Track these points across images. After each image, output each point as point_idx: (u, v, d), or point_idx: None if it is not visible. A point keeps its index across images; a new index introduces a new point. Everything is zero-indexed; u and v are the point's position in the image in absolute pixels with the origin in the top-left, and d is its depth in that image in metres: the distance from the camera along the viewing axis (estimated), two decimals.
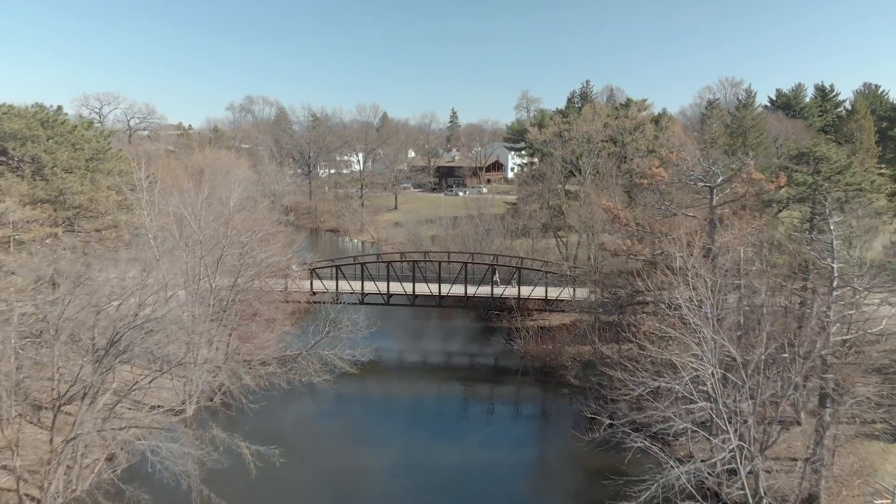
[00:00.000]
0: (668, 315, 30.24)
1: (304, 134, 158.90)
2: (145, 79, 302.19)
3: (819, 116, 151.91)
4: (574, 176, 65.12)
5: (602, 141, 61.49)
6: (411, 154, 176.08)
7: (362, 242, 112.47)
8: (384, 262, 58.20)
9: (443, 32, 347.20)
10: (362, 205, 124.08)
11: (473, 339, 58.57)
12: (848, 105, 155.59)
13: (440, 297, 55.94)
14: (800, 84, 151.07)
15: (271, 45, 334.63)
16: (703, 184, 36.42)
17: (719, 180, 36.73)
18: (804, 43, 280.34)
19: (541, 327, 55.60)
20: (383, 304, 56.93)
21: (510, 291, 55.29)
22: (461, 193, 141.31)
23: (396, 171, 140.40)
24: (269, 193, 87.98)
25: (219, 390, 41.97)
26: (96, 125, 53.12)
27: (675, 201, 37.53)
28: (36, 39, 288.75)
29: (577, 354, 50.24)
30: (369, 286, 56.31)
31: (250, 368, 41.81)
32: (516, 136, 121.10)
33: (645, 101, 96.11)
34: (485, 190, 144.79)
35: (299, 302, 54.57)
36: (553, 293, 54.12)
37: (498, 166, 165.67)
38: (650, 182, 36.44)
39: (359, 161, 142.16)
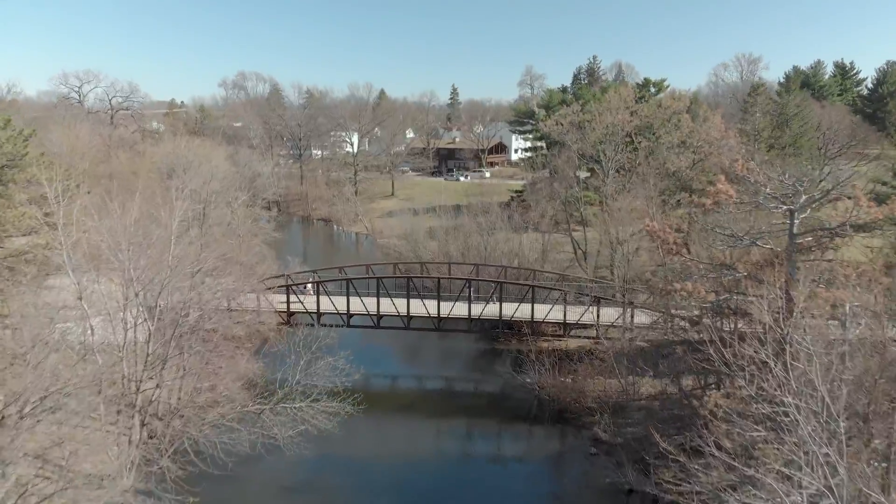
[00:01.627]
0: (753, 398, 21.92)
1: (296, 113, 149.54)
2: (133, 55, 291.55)
3: (839, 95, 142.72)
4: (593, 172, 56.41)
5: (629, 133, 52.78)
6: (410, 134, 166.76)
7: (356, 234, 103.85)
8: (373, 276, 49.68)
9: (442, 5, 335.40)
10: (356, 193, 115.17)
11: (476, 365, 50.17)
12: (870, 83, 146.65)
13: (439, 318, 47.60)
14: (819, 61, 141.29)
15: (264, 18, 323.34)
16: (782, 207, 27.85)
17: (802, 200, 28.20)
18: (823, 18, 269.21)
19: (557, 351, 47.29)
20: (372, 327, 48.56)
21: (522, 311, 46.71)
22: (462, 178, 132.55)
23: (393, 155, 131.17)
24: (250, 186, 79.07)
25: (168, 449, 33.80)
26: (15, 123, 43.78)
27: (742, 226, 28.98)
28: (11, 13, 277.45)
29: (603, 394, 42.05)
30: (356, 304, 47.88)
31: (203, 424, 33.69)
32: (521, 118, 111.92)
33: (664, 81, 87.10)
34: (487, 174, 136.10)
35: (271, 329, 46.19)
36: (573, 312, 45.72)
37: (501, 148, 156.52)
38: (714, 202, 27.82)
39: (351, 145, 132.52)
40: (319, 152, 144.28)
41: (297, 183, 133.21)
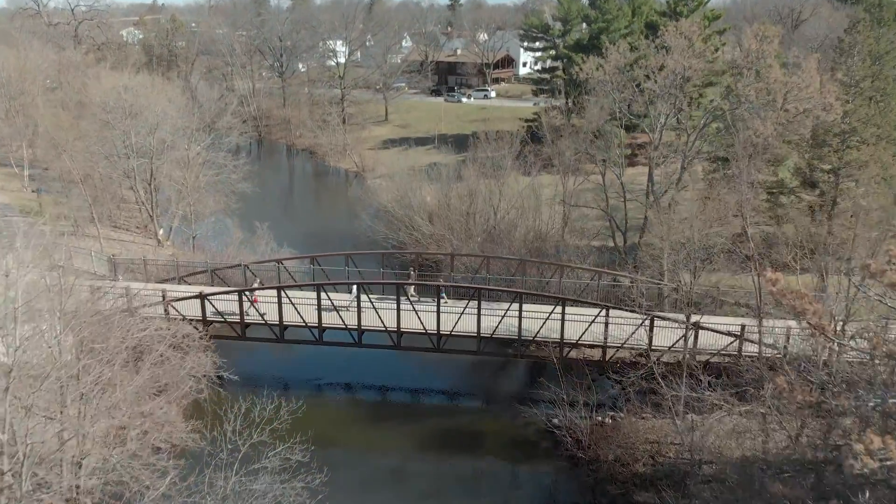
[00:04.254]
0: None
1: (280, 18, 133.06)
2: None
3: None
4: (635, 128, 43.30)
5: (695, 86, 39.62)
6: (406, 43, 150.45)
7: (346, 172, 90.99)
8: (353, 282, 37.94)
9: None
10: (344, 121, 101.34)
11: (480, 388, 39.15)
12: None
13: (439, 336, 36.23)
14: None
15: None
16: None
17: None
18: None
19: (593, 364, 36.17)
20: (353, 346, 37.18)
21: (548, 327, 35.17)
22: (465, 99, 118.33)
23: (387, 70, 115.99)
24: (214, 124, 65.89)
25: None
26: None
27: None
28: None
29: (664, 448, 31.43)
30: (330, 317, 36.43)
31: None
32: (534, 33, 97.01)
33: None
34: (493, 94, 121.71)
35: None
36: (618, 331, 34.35)
37: (508, 62, 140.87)
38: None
39: (337, 61, 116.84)
40: (305, 67, 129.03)
41: (281, 104, 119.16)
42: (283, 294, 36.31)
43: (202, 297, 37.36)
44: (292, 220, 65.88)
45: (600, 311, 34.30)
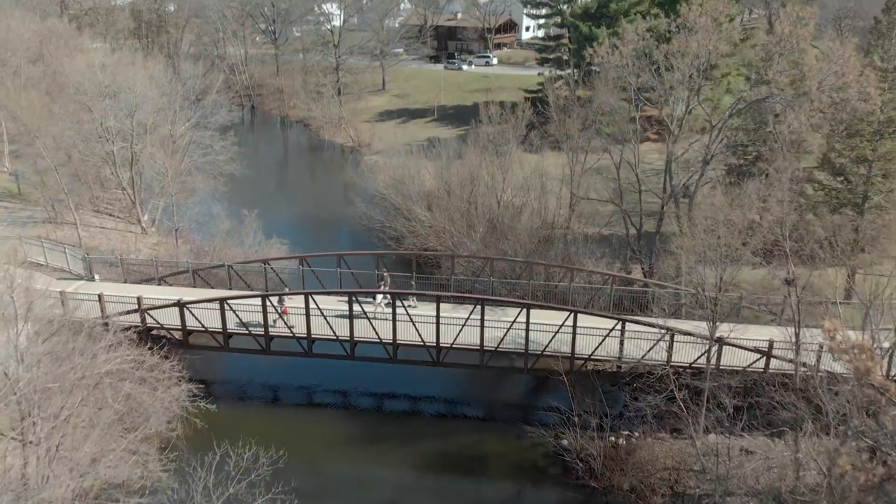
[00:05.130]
0: None
1: None
2: None
3: None
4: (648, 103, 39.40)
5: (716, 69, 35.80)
6: (405, 6, 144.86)
7: (342, 147, 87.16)
8: (344, 291, 34.91)
9: None
10: (339, 92, 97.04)
11: (491, 409, 36.15)
12: None
13: (439, 349, 33.28)
14: None
15: None
16: None
17: None
18: None
19: (604, 374, 33.31)
20: (344, 358, 34.25)
21: (558, 340, 32.18)
22: (466, 66, 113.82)
23: (384, 37, 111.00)
24: (200, 101, 62.01)
25: None
26: None
27: None
28: None
29: (695, 496, 28.63)
30: (320, 326, 33.43)
31: None
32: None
33: None
34: (495, 60, 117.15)
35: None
36: (635, 346, 31.39)
37: (511, 26, 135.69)
38: None
39: (332, 26, 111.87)
40: (300, 33, 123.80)
41: (274, 72, 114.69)
42: (310, 300, 32.86)
43: (181, 305, 34.36)
44: (283, 206, 62.50)
45: (616, 325, 31.30)
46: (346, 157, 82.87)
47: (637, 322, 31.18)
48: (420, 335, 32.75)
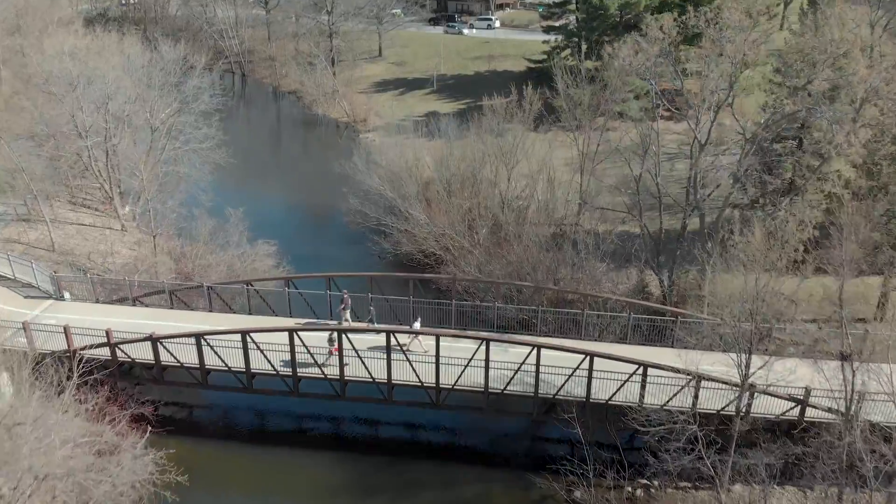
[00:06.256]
0: None
1: None
2: None
3: None
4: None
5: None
6: None
7: (336, 123, 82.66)
8: (332, 327, 31.50)
9: None
10: (333, 62, 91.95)
11: (495, 455, 32.42)
12: None
13: (438, 390, 30.08)
14: None
15: None
16: None
17: None
18: None
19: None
20: (333, 398, 31.07)
21: (573, 384, 28.94)
22: (467, 31, 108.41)
23: None
24: (180, 86, 57.50)
25: None
26: None
27: None
28: None
29: None
30: (305, 363, 30.20)
31: None
32: None
33: None
34: (497, 24, 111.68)
35: None
36: (658, 392, 28.15)
37: None
38: None
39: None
40: None
41: (266, 37, 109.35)
42: (296, 336, 29.86)
43: (153, 340, 31.09)
44: (271, 199, 58.40)
45: (637, 369, 28.04)
46: (341, 134, 78.59)
47: (660, 367, 27.85)
48: (417, 375, 29.59)
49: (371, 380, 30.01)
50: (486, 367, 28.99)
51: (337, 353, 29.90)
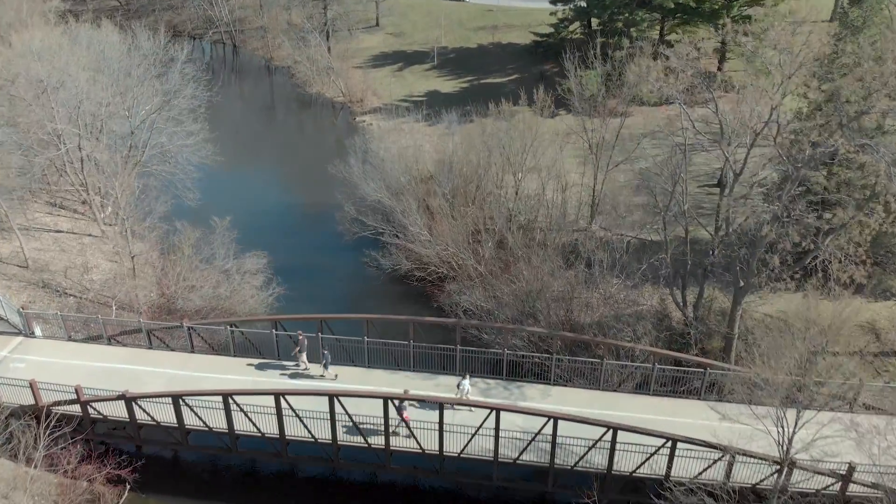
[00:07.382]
0: None
1: None
2: None
3: None
4: None
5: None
6: None
7: (332, 103, 78.21)
8: (327, 392, 28.40)
9: None
10: (328, 36, 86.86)
11: None
12: None
13: (442, 458, 27.13)
14: None
15: None
16: None
17: None
18: None
19: None
20: (327, 463, 28.14)
21: (594, 454, 25.97)
22: None
23: None
24: (164, 78, 53.28)
25: None
26: None
27: None
28: None
29: None
30: (295, 427, 27.26)
31: None
32: None
33: None
34: None
35: None
36: (690, 463, 25.20)
37: None
38: None
39: None
40: None
41: (257, 6, 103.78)
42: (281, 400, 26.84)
43: (127, 398, 28.10)
44: (261, 202, 54.15)
45: (665, 443, 25.05)
46: (337, 115, 74.48)
47: (691, 441, 24.83)
48: (419, 442, 26.67)
49: (366, 445, 27.10)
50: (496, 437, 26.00)
51: (407, 421, 26.69)
